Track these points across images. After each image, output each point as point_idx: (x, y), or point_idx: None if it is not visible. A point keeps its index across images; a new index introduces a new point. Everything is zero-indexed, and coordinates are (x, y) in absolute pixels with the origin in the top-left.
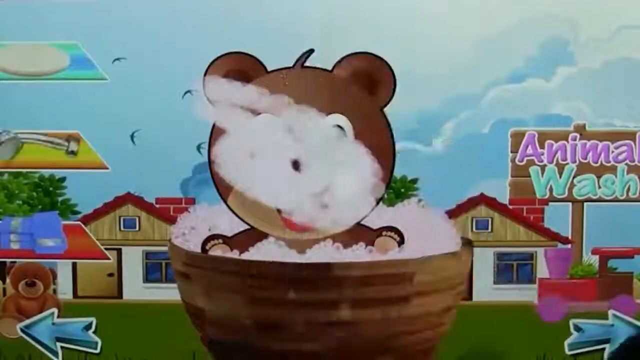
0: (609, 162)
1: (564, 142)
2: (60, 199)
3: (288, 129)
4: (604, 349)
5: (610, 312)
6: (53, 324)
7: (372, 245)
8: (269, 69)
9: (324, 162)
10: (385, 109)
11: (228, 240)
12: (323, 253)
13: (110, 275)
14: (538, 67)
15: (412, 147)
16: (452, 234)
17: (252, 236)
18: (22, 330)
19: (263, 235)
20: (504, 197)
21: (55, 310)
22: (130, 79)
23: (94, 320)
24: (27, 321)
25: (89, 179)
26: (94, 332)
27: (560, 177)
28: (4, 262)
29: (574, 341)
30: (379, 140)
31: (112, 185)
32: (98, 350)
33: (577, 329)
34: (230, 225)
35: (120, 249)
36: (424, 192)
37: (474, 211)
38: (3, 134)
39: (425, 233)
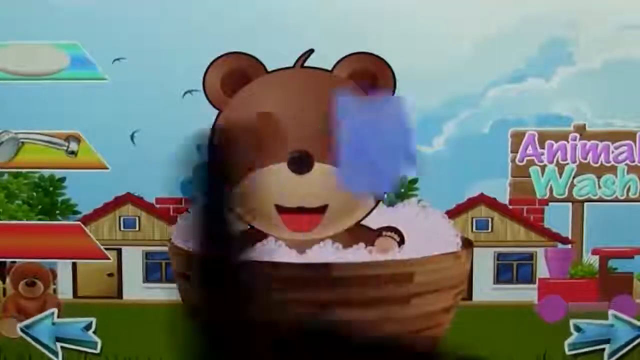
0: (609, 162)
1: (564, 142)
2: (60, 199)
3: (287, 129)
4: (604, 349)
5: (610, 312)
6: (53, 324)
7: (372, 245)
8: (269, 69)
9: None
10: None
11: None
12: (323, 253)
13: (110, 275)
14: (538, 67)
15: None
16: (452, 234)
17: (252, 236)
18: (22, 330)
19: (263, 235)
20: (504, 197)
21: (55, 310)
22: (130, 79)
23: (94, 320)
24: (27, 321)
25: (89, 179)
26: (94, 332)
27: (560, 177)
28: (4, 262)
29: (574, 341)
30: None
31: (112, 185)
32: (98, 350)
33: (577, 329)
34: None
35: (120, 249)
36: (424, 192)
37: (474, 211)
38: (3, 134)
39: (425, 233)
